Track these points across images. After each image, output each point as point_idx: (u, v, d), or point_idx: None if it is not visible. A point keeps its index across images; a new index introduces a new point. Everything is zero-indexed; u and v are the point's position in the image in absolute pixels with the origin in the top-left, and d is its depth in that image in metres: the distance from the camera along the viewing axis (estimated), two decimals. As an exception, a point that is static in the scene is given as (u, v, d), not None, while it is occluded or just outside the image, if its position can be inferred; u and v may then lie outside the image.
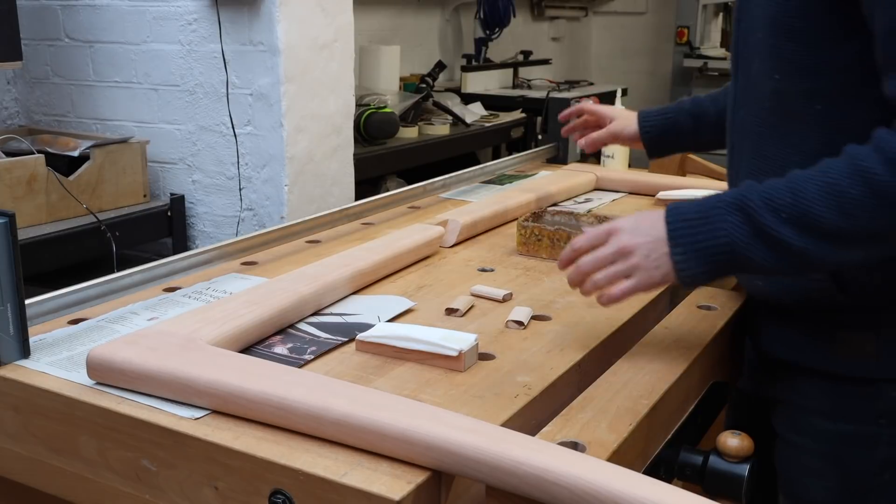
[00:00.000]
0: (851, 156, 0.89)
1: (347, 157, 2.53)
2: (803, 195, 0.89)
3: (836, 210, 0.87)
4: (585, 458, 0.71)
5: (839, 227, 0.88)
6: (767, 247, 0.90)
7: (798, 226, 0.89)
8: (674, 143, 1.48)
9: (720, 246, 0.91)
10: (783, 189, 0.90)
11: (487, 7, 4.30)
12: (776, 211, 0.90)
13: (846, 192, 0.87)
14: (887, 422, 1.01)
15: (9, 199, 2.03)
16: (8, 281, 0.90)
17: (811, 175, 0.90)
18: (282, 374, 0.84)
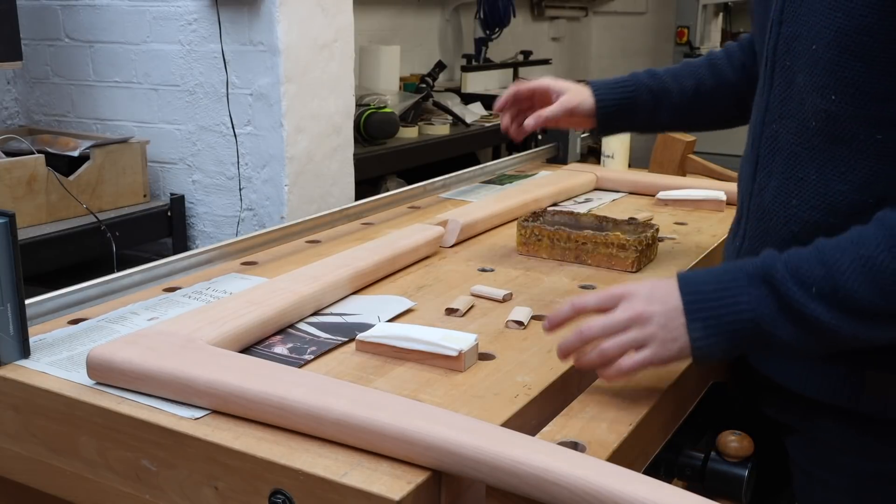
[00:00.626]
0: (889, 226, 0.82)
1: (347, 157, 2.53)
2: (836, 268, 0.82)
3: (874, 286, 0.81)
4: (585, 458, 0.71)
5: (877, 304, 0.81)
6: (794, 323, 0.83)
7: (830, 301, 0.82)
8: (628, 120, 1.31)
9: (743, 321, 0.84)
10: (812, 260, 0.84)
11: (487, 7, 4.30)
12: (805, 284, 0.83)
13: (885, 267, 0.81)
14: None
15: (9, 199, 2.03)
16: (8, 281, 0.90)
17: (843, 245, 0.83)
18: (282, 374, 0.84)
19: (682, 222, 1.59)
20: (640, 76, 1.31)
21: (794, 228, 0.96)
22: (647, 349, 0.87)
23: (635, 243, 1.29)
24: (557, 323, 0.93)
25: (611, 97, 1.29)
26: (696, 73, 1.29)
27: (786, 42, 0.96)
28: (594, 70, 5.82)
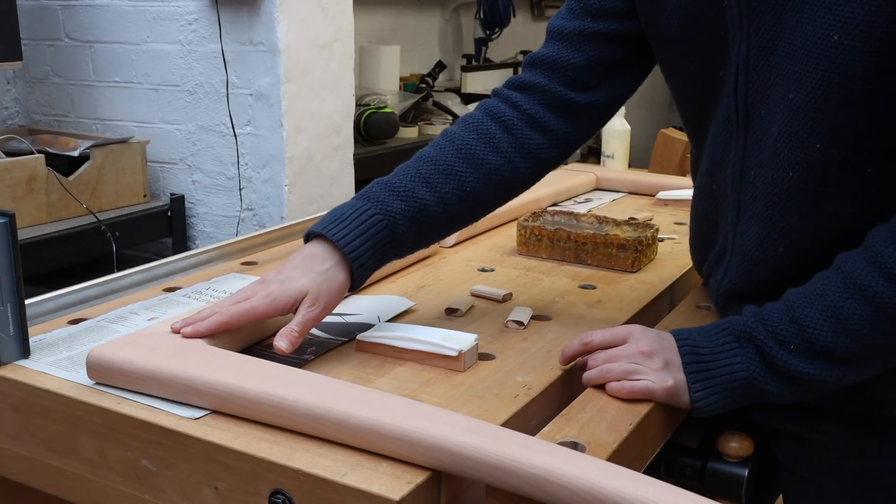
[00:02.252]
0: (847, 274, 0.84)
1: (347, 157, 2.53)
2: (808, 324, 0.85)
3: (845, 334, 0.83)
4: (585, 458, 0.71)
5: (851, 350, 0.84)
6: (783, 379, 0.87)
7: (809, 355, 0.85)
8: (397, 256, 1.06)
9: (739, 380, 0.88)
10: (783, 319, 0.87)
11: (487, 7, 4.30)
12: (783, 344, 0.86)
13: (850, 314, 0.83)
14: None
15: (9, 199, 2.03)
16: (8, 281, 0.90)
17: (808, 298, 0.86)
18: (282, 374, 0.84)
19: (682, 222, 1.59)
20: (387, 204, 1.01)
21: (787, 272, 0.95)
22: (649, 381, 0.89)
23: (635, 243, 1.29)
24: (570, 357, 0.96)
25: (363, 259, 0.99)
26: (452, 171, 1.04)
27: (757, 91, 0.92)
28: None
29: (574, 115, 1.08)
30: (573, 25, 1.07)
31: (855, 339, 0.83)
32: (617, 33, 1.06)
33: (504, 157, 1.07)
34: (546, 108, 1.08)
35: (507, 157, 1.07)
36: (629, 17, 1.05)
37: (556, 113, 1.08)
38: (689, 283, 1.32)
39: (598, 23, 1.06)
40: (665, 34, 1.01)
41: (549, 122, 1.08)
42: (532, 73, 1.09)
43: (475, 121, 1.08)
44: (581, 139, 1.12)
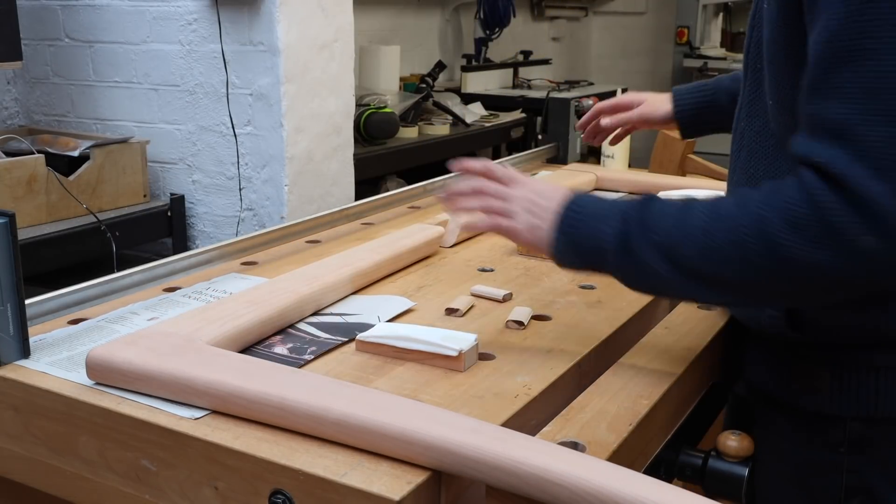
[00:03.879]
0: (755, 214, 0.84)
1: (347, 157, 2.53)
2: (683, 227, 0.87)
3: (700, 251, 0.85)
4: (585, 458, 0.71)
5: (698, 266, 0.86)
6: (631, 262, 0.89)
7: (661, 252, 0.87)
8: (711, 121, 1.38)
9: (592, 248, 0.91)
10: (672, 213, 0.89)
11: (487, 7, 4.30)
12: (651, 232, 0.88)
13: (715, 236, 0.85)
14: (847, 450, 0.99)
15: (9, 199, 2.03)
16: (8, 281, 0.90)
17: (705, 210, 0.87)
18: (282, 374, 0.84)
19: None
20: (722, 80, 1.36)
21: None
22: (507, 220, 0.96)
23: (635, 243, 1.29)
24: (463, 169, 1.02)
25: (688, 102, 1.38)
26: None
27: (755, 45, 1.00)
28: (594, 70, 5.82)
29: None
30: None
31: (706, 258, 0.85)
32: None
33: None
34: None
35: None
36: None
37: None
38: (689, 283, 1.31)
39: None
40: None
41: None
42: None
43: None
44: None
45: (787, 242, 0.81)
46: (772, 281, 0.84)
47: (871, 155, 0.78)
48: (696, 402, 1.05)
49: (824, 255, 0.80)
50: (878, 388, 0.96)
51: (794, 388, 1.01)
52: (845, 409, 0.97)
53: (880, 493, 0.99)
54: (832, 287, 0.84)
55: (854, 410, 0.97)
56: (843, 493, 1.00)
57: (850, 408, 0.97)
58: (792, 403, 1.02)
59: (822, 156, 0.80)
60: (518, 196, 0.97)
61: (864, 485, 0.99)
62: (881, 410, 0.96)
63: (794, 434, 1.03)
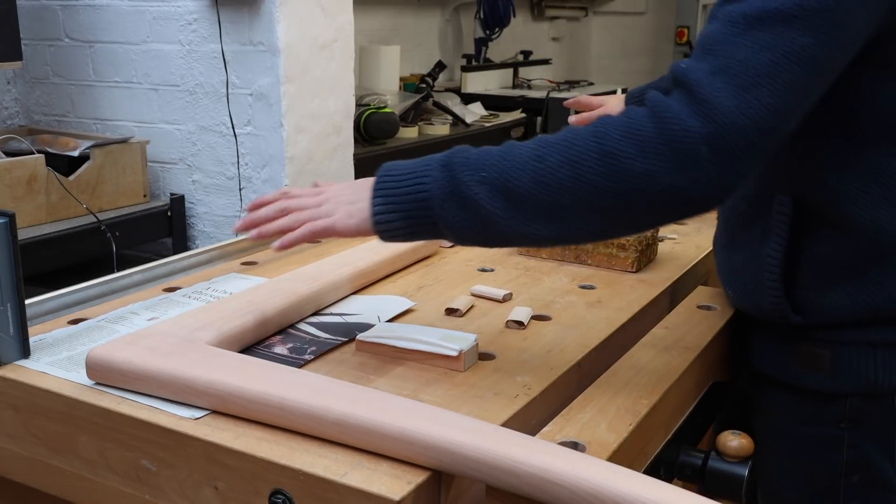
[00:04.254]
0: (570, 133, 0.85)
1: (347, 157, 2.53)
2: (509, 154, 0.85)
3: (534, 177, 0.83)
4: (585, 458, 0.71)
5: (531, 193, 0.83)
6: (460, 206, 0.85)
7: (494, 188, 0.84)
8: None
9: (417, 201, 0.87)
10: (498, 150, 0.86)
11: (487, 7, 4.30)
12: (477, 170, 0.85)
13: (548, 161, 0.83)
14: (848, 425, 1.03)
15: (9, 199, 2.03)
16: (8, 281, 0.90)
17: (534, 140, 0.87)
18: (282, 374, 0.84)
19: (682, 222, 1.59)
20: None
21: (727, 214, 1.11)
22: (329, 218, 0.90)
23: (635, 243, 1.29)
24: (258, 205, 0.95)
25: (637, 98, 1.38)
26: None
27: None
28: (594, 70, 5.82)
29: None
30: None
31: (539, 185, 0.83)
32: None
33: None
34: None
35: None
36: None
37: None
38: (689, 283, 1.32)
39: None
40: None
41: None
42: None
43: None
44: None
45: (621, 151, 0.80)
46: (607, 197, 0.82)
47: (731, 72, 0.80)
48: (696, 402, 1.05)
49: (658, 164, 0.80)
50: (877, 365, 1.00)
51: (797, 370, 1.05)
52: (845, 386, 1.02)
53: (878, 466, 1.03)
54: (667, 203, 0.82)
55: (854, 387, 1.01)
56: (843, 469, 1.04)
57: (849, 384, 1.01)
58: (795, 384, 1.05)
59: (686, 64, 0.83)
60: (329, 195, 0.93)
61: (863, 459, 1.03)
62: (879, 385, 1.00)
63: (797, 413, 1.06)
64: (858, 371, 1.01)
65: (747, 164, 0.81)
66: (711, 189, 0.81)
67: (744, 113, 0.79)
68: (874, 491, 1.04)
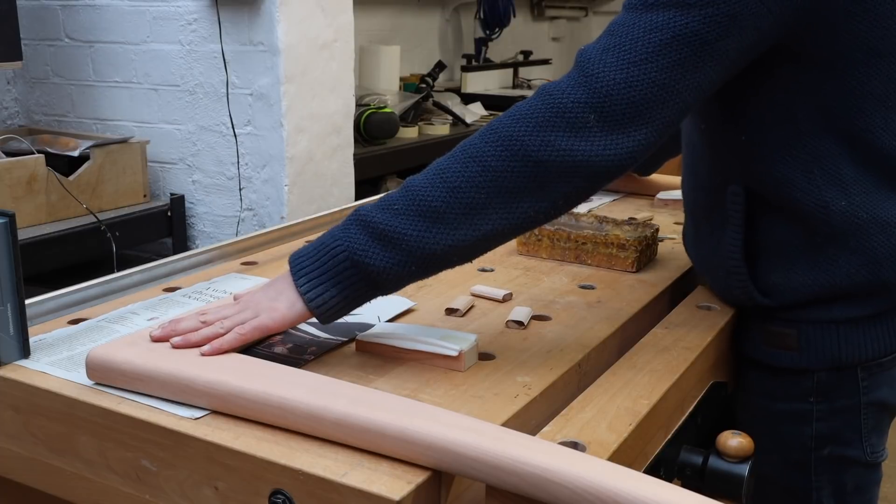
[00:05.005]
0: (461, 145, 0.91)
1: (347, 157, 2.53)
2: (413, 184, 0.89)
3: (443, 186, 0.88)
4: (585, 458, 0.71)
5: (447, 202, 0.87)
6: (384, 246, 0.87)
7: (411, 214, 0.87)
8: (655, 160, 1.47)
9: (341, 261, 0.88)
10: (396, 191, 0.90)
11: (487, 7, 4.30)
12: (388, 207, 0.88)
13: (449, 168, 0.89)
14: (816, 399, 1.10)
15: (9, 199, 2.03)
16: (8, 281, 0.90)
17: (431, 166, 0.92)
18: (282, 374, 0.84)
19: (682, 222, 1.59)
20: None
21: (690, 207, 1.20)
22: (256, 318, 0.90)
23: (635, 243, 1.29)
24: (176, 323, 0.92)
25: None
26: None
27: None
28: (594, 70, 5.81)
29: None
30: None
31: (451, 192, 0.87)
32: None
33: None
34: None
35: None
36: None
37: None
38: (689, 283, 1.32)
39: None
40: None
41: None
42: None
43: None
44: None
45: (517, 132, 0.86)
46: (518, 178, 0.87)
47: (622, 48, 0.87)
48: (696, 402, 1.05)
49: (552, 134, 0.86)
50: (840, 340, 1.07)
51: (768, 349, 1.12)
52: (812, 362, 1.08)
53: (846, 437, 1.10)
54: (571, 169, 0.86)
55: (819, 363, 1.08)
56: (813, 443, 1.10)
57: (816, 360, 1.08)
58: (767, 363, 1.12)
59: (585, 46, 0.91)
60: (244, 300, 0.93)
61: (831, 432, 1.10)
62: (844, 360, 1.07)
63: (770, 390, 1.13)
64: (823, 347, 1.08)
65: (641, 133, 0.87)
66: (609, 154, 0.86)
67: (630, 85, 0.86)
68: (843, 464, 1.10)
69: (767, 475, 1.13)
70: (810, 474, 1.12)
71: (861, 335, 1.07)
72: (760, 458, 1.12)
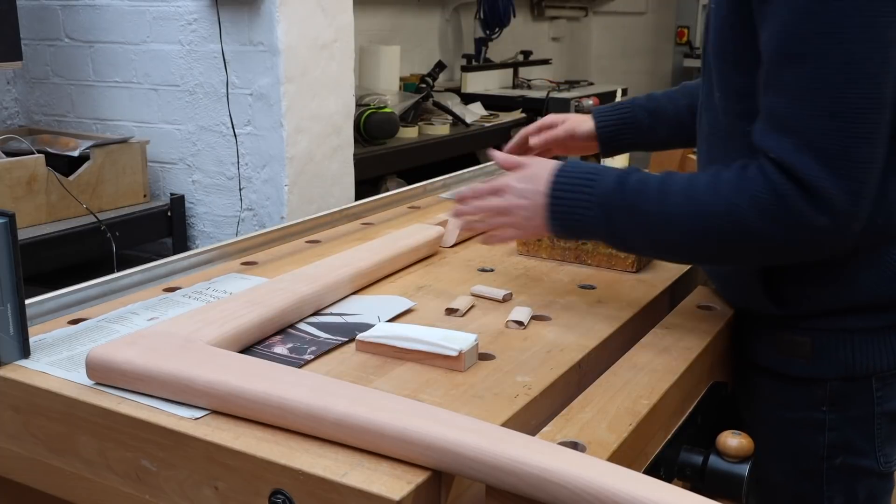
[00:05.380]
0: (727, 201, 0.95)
1: (347, 157, 2.53)
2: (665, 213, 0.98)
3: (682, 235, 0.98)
4: (585, 458, 0.71)
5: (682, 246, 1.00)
6: (619, 242, 1.05)
7: (647, 238, 1.01)
8: (629, 139, 1.43)
9: (585, 232, 1.05)
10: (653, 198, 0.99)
11: (487, 7, 4.30)
12: (634, 215, 1.00)
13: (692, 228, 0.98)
14: (829, 408, 1.09)
15: (9, 199, 2.03)
16: (8, 281, 0.90)
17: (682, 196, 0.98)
18: (282, 374, 0.84)
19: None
20: (638, 99, 1.42)
21: None
22: (510, 230, 1.10)
23: (635, 243, 1.29)
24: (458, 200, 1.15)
25: (610, 118, 1.41)
26: (691, 92, 1.37)
27: (708, 45, 1.10)
28: (594, 70, 5.82)
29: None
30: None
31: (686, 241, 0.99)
32: None
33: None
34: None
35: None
36: None
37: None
38: (689, 283, 1.32)
39: None
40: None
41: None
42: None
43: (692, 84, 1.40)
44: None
45: (755, 226, 0.94)
46: (741, 253, 1.00)
47: (815, 146, 0.90)
48: (696, 402, 1.05)
49: (786, 233, 0.93)
50: (854, 349, 1.06)
51: (781, 357, 1.10)
52: (826, 370, 1.08)
53: (858, 447, 1.09)
54: (791, 256, 0.99)
55: (834, 371, 1.07)
56: (825, 452, 1.09)
57: (830, 369, 1.08)
58: (779, 371, 1.11)
59: (775, 149, 0.93)
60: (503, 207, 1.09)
61: (844, 441, 1.09)
62: (857, 370, 1.06)
63: (782, 398, 1.12)
64: (837, 357, 1.07)
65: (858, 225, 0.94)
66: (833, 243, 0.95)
67: (857, 203, 0.91)
68: (856, 473, 1.10)
69: (778, 483, 1.14)
70: (822, 483, 1.11)
71: (876, 345, 1.06)
72: (771, 466, 1.13)
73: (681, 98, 1.38)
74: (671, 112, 1.38)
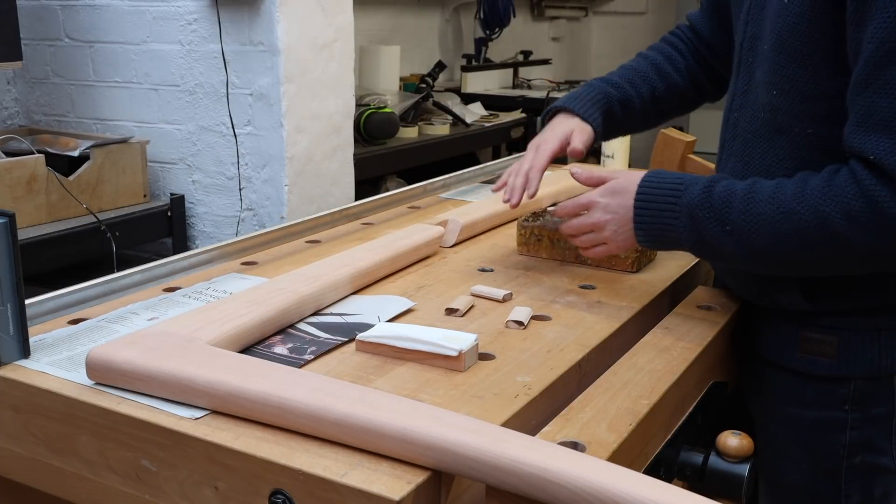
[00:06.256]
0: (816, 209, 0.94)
1: (347, 157, 2.53)
2: (753, 220, 0.98)
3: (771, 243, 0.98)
4: (585, 458, 0.71)
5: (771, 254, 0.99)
6: (707, 250, 1.04)
7: (736, 244, 1.00)
8: (608, 132, 1.38)
9: (672, 239, 1.06)
10: (739, 206, 0.99)
11: (487, 7, 4.30)
12: (723, 223, 1.00)
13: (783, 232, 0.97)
14: (851, 407, 1.08)
15: (9, 199, 2.03)
16: (8, 281, 0.90)
17: (770, 203, 0.97)
18: (282, 374, 0.84)
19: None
20: (605, 88, 1.36)
21: None
22: (604, 246, 1.14)
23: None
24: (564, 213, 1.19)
25: (595, 115, 1.31)
26: (648, 78, 1.38)
27: (749, 41, 1.09)
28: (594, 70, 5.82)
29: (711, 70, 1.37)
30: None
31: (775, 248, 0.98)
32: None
33: (681, 76, 1.37)
34: (696, 55, 1.37)
35: (683, 77, 1.37)
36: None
37: (699, 64, 1.37)
38: (689, 283, 1.32)
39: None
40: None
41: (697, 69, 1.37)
42: (702, 22, 1.36)
43: (661, 46, 1.42)
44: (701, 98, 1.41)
45: (847, 234, 0.92)
46: (831, 261, 0.98)
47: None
48: (696, 402, 1.05)
49: (880, 240, 0.91)
50: (881, 348, 1.06)
51: (804, 356, 1.09)
52: (851, 369, 1.07)
53: (878, 445, 1.08)
54: (883, 264, 0.97)
55: (859, 370, 1.07)
56: (846, 451, 1.09)
57: (855, 368, 1.07)
58: (800, 369, 1.10)
59: (874, 151, 0.90)
60: (593, 222, 1.13)
61: (864, 440, 1.08)
62: (882, 368, 1.06)
63: (802, 397, 1.11)
64: (864, 356, 1.06)
65: None
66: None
67: None
68: (874, 472, 1.09)
69: (794, 482, 1.13)
70: (840, 482, 1.10)
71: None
72: (786, 465, 1.12)
73: (641, 85, 1.36)
74: (637, 102, 1.36)
